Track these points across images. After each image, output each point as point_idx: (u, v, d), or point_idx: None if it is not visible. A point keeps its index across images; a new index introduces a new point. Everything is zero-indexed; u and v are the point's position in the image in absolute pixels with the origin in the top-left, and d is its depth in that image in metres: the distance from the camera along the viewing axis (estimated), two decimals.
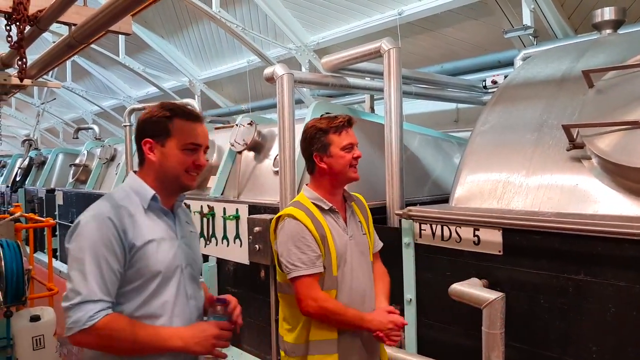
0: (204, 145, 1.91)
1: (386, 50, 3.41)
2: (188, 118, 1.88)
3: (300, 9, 7.43)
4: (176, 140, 1.84)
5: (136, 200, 1.84)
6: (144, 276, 1.78)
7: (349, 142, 2.30)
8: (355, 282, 2.29)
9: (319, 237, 2.22)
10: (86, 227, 1.73)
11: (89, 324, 1.63)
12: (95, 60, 12.32)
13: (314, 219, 2.26)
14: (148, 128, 1.86)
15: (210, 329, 1.80)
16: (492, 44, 5.92)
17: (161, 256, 1.82)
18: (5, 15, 2.76)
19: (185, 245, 1.95)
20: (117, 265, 1.71)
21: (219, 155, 5.07)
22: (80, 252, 1.70)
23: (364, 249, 2.37)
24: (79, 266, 1.68)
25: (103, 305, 1.66)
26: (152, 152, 1.85)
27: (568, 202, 2.52)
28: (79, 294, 1.65)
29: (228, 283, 4.42)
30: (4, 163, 13.45)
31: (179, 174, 1.86)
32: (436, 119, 6.82)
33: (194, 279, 1.98)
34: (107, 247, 1.70)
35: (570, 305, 2.32)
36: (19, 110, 17.69)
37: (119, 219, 1.74)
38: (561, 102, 2.93)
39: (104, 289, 1.68)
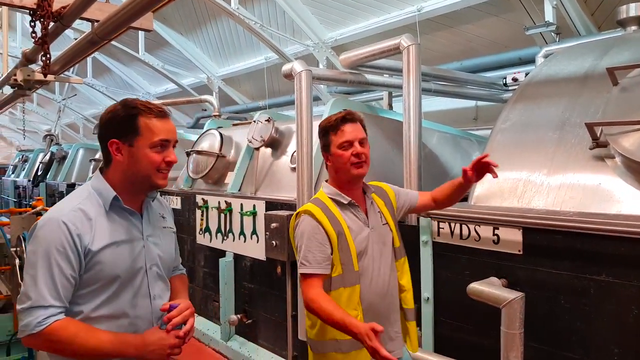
0: (172, 141, 1.87)
1: (405, 46, 3.39)
2: (154, 115, 1.82)
3: (319, 6, 7.43)
4: (145, 139, 1.79)
5: (98, 202, 1.81)
6: (101, 280, 1.76)
7: (346, 140, 2.27)
8: (375, 272, 2.32)
9: (335, 234, 2.23)
10: (41, 231, 1.71)
11: (37, 330, 1.63)
12: (116, 56, 12.46)
13: (331, 215, 2.27)
14: (113, 128, 1.80)
15: (167, 338, 1.78)
16: (513, 40, 5.85)
17: (120, 260, 1.79)
18: (29, 12, 2.81)
19: (153, 245, 1.92)
20: (70, 271, 1.69)
21: (237, 151, 5.09)
22: (34, 255, 1.69)
23: (385, 239, 2.38)
24: (32, 270, 1.68)
25: (53, 310, 1.66)
26: (119, 153, 1.80)
27: (590, 201, 2.48)
28: (30, 299, 1.65)
29: (244, 279, 4.45)
30: (25, 157, 13.66)
31: (150, 174, 1.82)
32: (455, 116, 6.76)
33: (161, 277, 1.96)
34: (60, 252, 1.68)
35: (591, 307, 2.28)
36: (40, 106, 18.00)
37: (74, 223, 1.71)
38: (584, 100, 2.88)
39: (54, 294, 1.67)
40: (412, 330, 2.46)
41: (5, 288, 5.14)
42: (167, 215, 2.10)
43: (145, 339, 1.77)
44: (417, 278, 2.95)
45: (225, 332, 4.52)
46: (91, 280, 1.76)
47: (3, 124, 21.47)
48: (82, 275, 1.74)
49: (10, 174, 14.82)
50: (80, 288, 1.75)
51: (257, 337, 4.34)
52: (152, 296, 1.90)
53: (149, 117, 1.80)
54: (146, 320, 1.88)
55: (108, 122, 1.82)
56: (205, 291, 4.98)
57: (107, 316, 1.78)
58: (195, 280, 5.14)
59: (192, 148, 5.39)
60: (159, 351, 1.77)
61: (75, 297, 1.75)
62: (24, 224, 5.02)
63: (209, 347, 4.66)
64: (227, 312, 4.49)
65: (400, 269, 2.44)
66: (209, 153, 5.10)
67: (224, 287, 4.51)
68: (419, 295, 2.95)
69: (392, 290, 2.37)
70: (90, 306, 1.76)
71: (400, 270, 2.44)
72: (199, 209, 4.88)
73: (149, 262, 1.90)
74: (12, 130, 21.99)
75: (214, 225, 4.70)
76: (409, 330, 2.45)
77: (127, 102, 1.85)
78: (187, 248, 5.25)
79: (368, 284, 2.30)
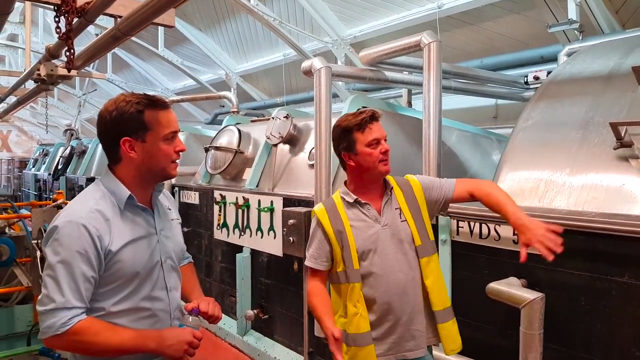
0: (178, 131, 1.90)
1: (426, 44, 3.36)
2: (158, 107, 1.83)
3: (338, 2, 7.42)
4: (156, 133, 1.81)
5: (112, 202, 1.83)
6: (122, 277, 1.80)
7: (374, 138, 2.30)
8: (389, 270, 2.30)
9: (334, 232, 2.34)
10: (61, 233, 1.72)
11: (62, 330, 1.67)
12: (135, 52, 12.58)
13: (334, 214, 2.37)
14: (123, 126, 1.80)
15: (185, 335, 1.84)
16: (535, 38, 5.78)
17: (138, 257, 1.83)
18: (54, 7, 2.85)
19: (165, 238, 1.96)
20: (91, 272, 1.72)
21: (255, 147, 5.11)
22: (55, 258, 1.70)
23: (403, 236, 2.35)
24: (53, 272, 1.70)
25: (76, 311, 1.69)
26: (133, 151, 1.81)
27: (614, 202, 2.44)
28: (53, 301, 1.68)
29: (261, 274, 4.47)
30: (46, 151, 13.86)
31: (165, 166, 1.86)
32: (475, 114, 6.71)
33: (175, 269, 2.01)
34: (82, 256, 1.70)
35: (612, 308, 2.25)
36: (61, 101, 18.25)
37: (94, 225, 1.73)
38: (608, 99, 2.84)
39: (77, 296, 1.70)
40: (446, 332, 2.35)
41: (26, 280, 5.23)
42: (172, 207, 2.14)
43: (164, 335, 1.81)
44: None
45: (242, 327, 4.55)
46: (112, 279, 1.79)
47: (24, 118, 21.82)
48: (103, 274, 1.77)
49: (31, 168, 15.06)
50: (102, 286, 1.78)
51: (273, 333, 4.36)
52: (168, 288, 1.95)
53: (153, 110, 1.82)
54: (165, 311, 1.92)
55: (114, 121, 1.81)
56: (222, 286, 5.02)
57: (127, 310, 1.82)
58: (213, 275, 5.18)
59: (211, 144, 5.42)
60: (177, 346, 1.80)
61: (96, 295, 1.78)
62: (45, 217, 5.10)
63: (225, 341, 4.70)
64: (244, 307, 4.52)
65: (425, 268, 2.35)
66: (227, 149, 5.12)
67: (240, 282, 4.54)
68: None
69: (412, 289, 2.32)
70: (111, 302, 1.80)
71: (425, 270, 2.35)
72: (216, 205, 4.92)
73: (163, 255, 1.94)
74: (33, 124, 22.36)
75: (232, 221, 4.73)
76: (441, 332, 2.35)
77: (128, 98, 1.84)
78: (204, 243, 5.29)
79: (380, 282, 2.29)
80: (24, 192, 14.70)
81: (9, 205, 6.93)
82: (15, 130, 23.55)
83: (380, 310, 2.31)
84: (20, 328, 5.29)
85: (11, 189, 19.32)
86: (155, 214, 1.96)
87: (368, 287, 2.31)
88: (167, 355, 1.83)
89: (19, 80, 5.94)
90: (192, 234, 5.41)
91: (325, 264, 2.37)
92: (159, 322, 1.88)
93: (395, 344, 2.32)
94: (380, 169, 2.32)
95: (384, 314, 2.31)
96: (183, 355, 1.83)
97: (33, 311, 5.30)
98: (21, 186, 16.17)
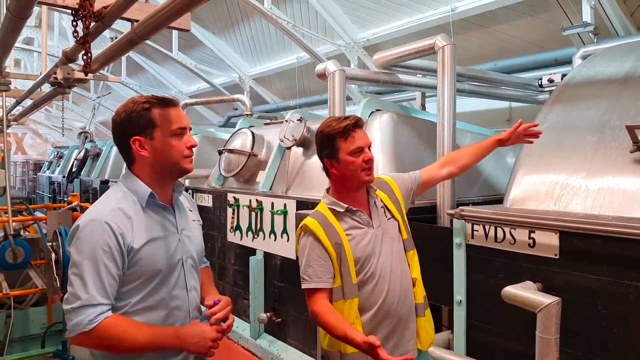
0: (188, 127, 1.91)
1: (440, 47, 3.37)
2: (165, 105, 1.86)
3: (351, 6, 7.43)
4: (163, 129, 1.83)
5: (134, 200, 1.85)
6: (144, 275, 1.81)
7: (357, 146, 2.23)
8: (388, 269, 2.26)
9: (332, 246, 2.20)
10: (84, 231, 1.75)
11: (90, 327, 1.68)
12: (150, 56, 12.69)
13: (328, 227, 2.24)
14: (131, 126, 1.83)
15: (209, 332, 1.83)
16: (549, 41, 5.75)
17: (160, 255, 1.85)
18: (72, 12, 2.89)
19: (186, 237, 1.98)
20: (115, 269, 1.74)
21: (268, 150, 5.12)
22: (79, 256, 1.73)
23: (393, 233, 2.34)
24: (79, 271, 1.72)
25: (103, 308, 1.71)
26: (143, 149, 1.84)
27: (630, 206, 2.42)
28: (79, 299, 1.70)
29: (274, 277, 4.48)
30: (60, 154, 13.99)
31: (178, 161, 1.87)
32: (488, 117, 6.67)
33: (195, 269, 2.03)
34: (105, 252, 1.72)
35: (630, 313, 2.22)
36: (75, 104, 18.46)
37: (116, 223, 1.76)
38: (624, 102, 2.82)
39: (102, 292, 1.71)
40: (421, 327, 2.34)
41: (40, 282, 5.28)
42: (193, 209, 2.16)
43: (189, 332, 1.82)
44: (450, 280, 2.93)
45: (255, 330, 4.56)
46: (135, 276, 1.81)
47: (39, 120, 22.08)
48: (127, 272, 1.79)
49: (45, 170, 15.23)
50: (124, 284, 1.80)
51: (286, 336, 4.36)
52: (188, 287, 1.95)
53: (161, 107, 1.85)
54: (183, 310, 1.93)
55: (124, 122, 1.85)
56: (235, 289, 5.03)
57: (147, 308, 1.83)
58: (226, 277, 5.20)
59: (224, 147, 5.46)
60: (201, 343, 1.81)
61: (120, 293, 1.79)
62: (60, 219, 5.14)
63: (238, 344, 4.71)
64: (257, 310, 4.53)
65: (411, 262, 2.37)
66: (240, 152, 5.15)
67: (254, 285, 4.55)
68: (451, 297, 2.93)
69: (408, 285, 2.31)
70: (133, 300, 1.81)
71: (411, 264, 2.37)
72: (230, 207, 4.94)
73: (184, 254, 1.95)
74: (48, 127, 22.62)
75: (245, 224, 4.74)
76: (418, 327, 2.33)
77: (134, 99, 1.89)
78: (217, 245, 5.32)
79: (383, 283, 2.23)
80: (39, 194, 14.86)
81: (24, 208, 7.01)
82: (30, 133, 23.85)
83: (379, 315, 2.24)
84: (34, 330, 5.33)
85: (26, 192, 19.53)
86: (176, 213, 1.98)
87: (367, 295, 2.23)
88: (191, 352, 1.85)
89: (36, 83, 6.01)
90: (206, 237, 5.40)
91: (331, 280, 2.20)
92: (177, 322, 1.89)
93: (396, 347, 2.27)
94: (362, 178, 2.25)
95: (383, 318, 2.24)
96: (207, 351, 1.84)
97: (47, 313, 5.35)
98: (36, 189, 16.35)
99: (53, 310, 5.33)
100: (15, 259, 5.15)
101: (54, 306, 5.33)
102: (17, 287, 5.43)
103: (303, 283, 2.22)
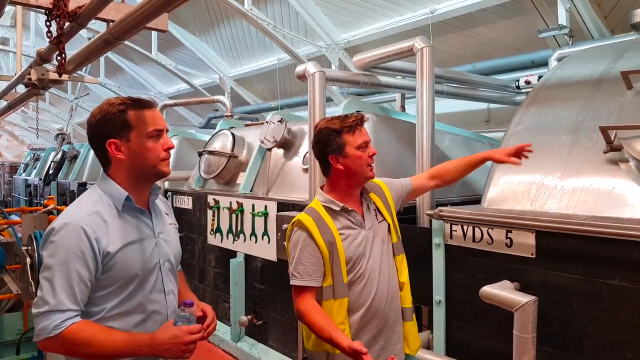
0: (165, 129, 1.89)
1: (419, 49, 3.39)
2: (141, 106, 1.84)
3: (332, 7, 7.44)
4: (140, 131, 1.81)
5: (109, 203, 1.82)
6: (121, 279, 1.79)
7: (364, 141, 2.29)
8: (377, 271, 2.29)
9: (326, 245, 2.21)
10: (58, 235, 1.71)
11: (55, 333, 1.65)
12: (128, 56, 12.54)
13: (322, 225, 2.24)
14: (106, 128, 1.80)
15: (181, 336, 1.77)
16: (526, 43, 5.83)
17: (137, 258, 1.82)
18: (45, 12, 2.83)
19: (163, 241, 1.96)
20: (87, 275, 1.71)
21: (249, 152, 5.11)
22: (51, 260, 1.70)
23: (383, 236, 2.37)
24: (49, 275, 1.69)
25: (70, 314, 1.68)
26: (119, 152, 1.81)
27: (604, 205, 2.46)
28: (47, 304, 1.67)
29: (255, 279, 4.46)
30: (37, 156, 13.76)
31: (155, 163, 1.84)
32: (467, 118, 6.74)
33: (172, 272, 2.00)
34: (78, 258, 1.69)
35: (605, 311, 2.27)
36: (52, 105, 18.13)
37: (91, 227, 1.73)
38: (598, 103, 2.87)
39: (71, 298, 1.68)
40: (409, 331, 2.40)
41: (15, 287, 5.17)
42: (169, 212, 2.14)
43: (160, 338, 1.76)
44: (429, 280, 2.95)
45: (236, 333, 4.54)
46: (111, 281, 1.78)
47: (15, 122, 21.66)
48: (101, 277, 1.76)
49: (21, 173, 14.95)
50: (100, 289, 1.77)
51: (267, 339, 4.35)
52: (166, 291, 1.94)
53: (136, 109, 1.83)
54: (162, 314, 1.91)
55: (99, 124, 1.82)
56: (215, 292, 5.00)
57: (125, 312, 1.81)
58: (206, 280, 5.16)
59: (204, 148, 5.42)
60: (174, 348, 1.76)
61: (94, 298, 1.77)
62: (35, 223, 5.05)
63: (219, 347, 4.69)
64: (238, 313, 4.51)
65: (399, 266, 2.41)
66: (221, 153, 5.12)
67: (234, 288, 4.53)
68: (430, 297, 2.95)
69: (395, 289, 2.35)
70: (109, 305, 1.78)
71: (400, 268, 2.41)
72: (210, 209, 4.91)
73: (162, 258, 1.93)
74: (24, 128, 22.20)
75: (225, 226, 4.72)
76: (406, 331, 2.39)
77: (110, 101, 1.86)
78: (197, 248, 5.28)
79: (372, 285, 2.26)
80: (15, 197, 14.59)
81: None
82: (6, 134, 23.36)
83: (367, 316, 2.25)
84: (9, 336, 5.22)
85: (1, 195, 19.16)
86: (152, 216, 1.95)
87: (356, 295, 2.25)
88: (167, 357, 1.80)
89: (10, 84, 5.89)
90: (186, 239, 5.39)
91: (320, 279, 2.21)
92: (156, 326, 1.85)
93: (383, 350, 2.30)
94: (367, 173, 2.30)
95: (370, 319, 2.26)
96: (182, 355, 1.80)
97: (23, 319, 5.25)
98: (11, 191, 16.05)
99: (29, 316, 5.22)
100: None
101: (30, 312, 5.23)
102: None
103: (292, 279, 2.22)
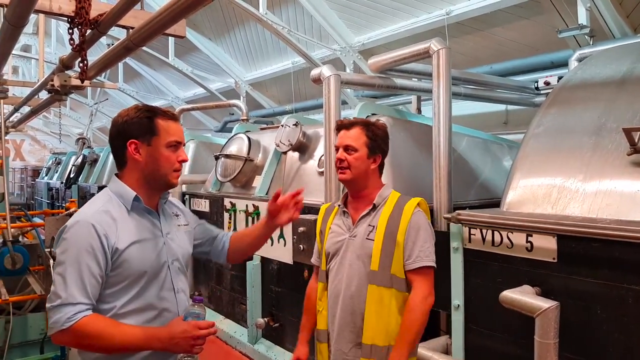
0: (183, 142, 1.99)
1: (435, 50, 3.36)
2: (168, 117, 1.94)
3: (346, 10, 7.43)
4: (161, 139, 1.90)
5: (119, 203, 1.90)
6: (130, 276, 1.85)
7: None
8: (339, 277, 2.41)
9: (320, 231, 2.61)
10: (69, 233, 1.80)
11: (67, 325, 1.71)
12: (146, 62, 12.69)
13: (327, 214, 2.62)
14: (131, 129, 1.90)
15: (190, 330, 1.82)
16: (545, 44, 5.75)
17: (146, 256, 1.89)
18: (68, 20, 2.89)
19: (171, 241, 2.02)
20: (98, 270, 1.78)
21: (264, 155, 5.11)
22: (63, 256, 1.78)
23: (361, 253, 2.37)
24: (62, 270, 1.76)
25: (81, 307, 1.74)
26: (138, 153, 1.90)
27: (628, 209, 2.41)
28: (59, 297, 1.73)
29: (271, 282, 4.46)
30: (58, 160, 13.98)
31: (167, 173, 1.93)
32: (484, 120, 6.67)
33: (182, 272, 2.07)
34: (89, 253, 1.77)
35: (630, 317, 2.21)
36: (73, 110, 18.43)
37: (100, 224, 1.81)
38: (621, 104, 2.81)
39: (83, 292, 1.75)
40: None
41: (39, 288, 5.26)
42: (180, 213, 2.19)
43: (170, 332, 1.83)
44: (447, 285, 2.91)
45: (252, 335, 4.54)
46: (120, 278, 1.84)
47: (37, 127, 22.04)
48: (110, 274, 1.82)
49: (43, 176, 15.20)
50: (110, 287, 1.83)
51: (284, 341, 4.34)
52: (176, 290, 1.99)
53: (164, 119, 1.93)
54: (172, 312, 1.96)
55: (125, 124, 1.92)
56: (232, 294, 5.01)
57: (136, 310, 1.86)
58: (223, 283, 5.18)
59: (221, 152, 5.44)
60: (182, 343, 1.82)
61: (105, 295, 1.83)
62: (57, 225, 5.15)
63: (236, 350, 4.69)
64: (254, 315, 4.51)
65: (371, 296, 2.30)
66: (237, 157, 5.14)
67: (251, 290, 4.53)
68: (448, 302, 2.91)
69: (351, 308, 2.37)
70: (120, 302, 1.84)
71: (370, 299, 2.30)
72: (226, 212, 4.93)
73: (170, 257, 1.99)
74: (46, 133, 22.58)
75: (242, 229, 4.72)
76: None
77: (138, 106, 1.98)
78: None
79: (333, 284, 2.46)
80: (37, 200, 14.83)
81: (22, 214, 6.99)
82: (29, 139, 23.80)
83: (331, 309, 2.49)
84: (33, 336, 5.33)
85: (24, 198, 19.51)
86: (161, 217, 2.03)
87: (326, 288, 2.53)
88: (176, 352, 1.86)
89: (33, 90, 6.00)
90: None
91: (319, 260, 2.58)
92: (166, 323, 1.91)
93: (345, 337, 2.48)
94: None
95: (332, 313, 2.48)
96: (191, 349, 1.85)
97: (46, 319, 5.33)
98: (34, 195, 16.31)
99: None
100: (14, 265, 5.15)
101: None
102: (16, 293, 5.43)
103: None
